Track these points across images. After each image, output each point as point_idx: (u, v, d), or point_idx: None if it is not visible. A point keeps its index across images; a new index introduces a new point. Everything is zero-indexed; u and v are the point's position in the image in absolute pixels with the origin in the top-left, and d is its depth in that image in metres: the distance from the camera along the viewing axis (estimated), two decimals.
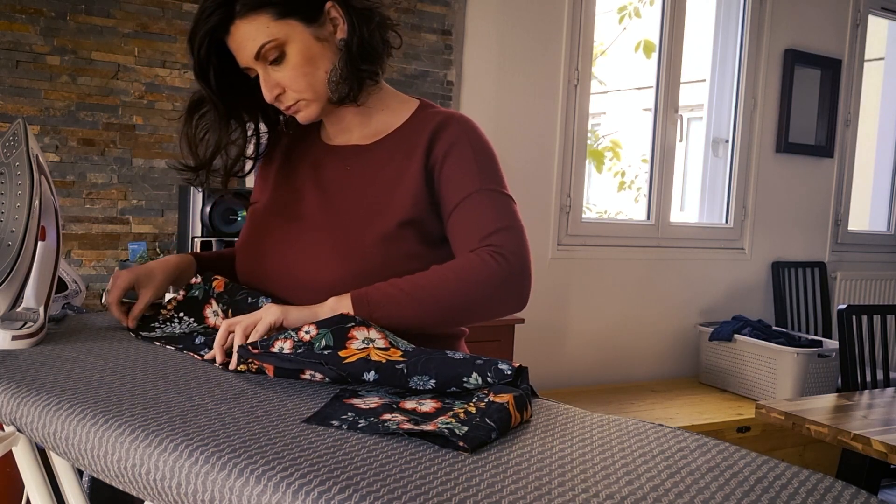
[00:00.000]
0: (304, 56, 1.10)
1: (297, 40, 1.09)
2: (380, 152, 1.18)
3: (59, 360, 0.98)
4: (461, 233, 1.11)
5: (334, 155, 1.22)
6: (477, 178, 1.12)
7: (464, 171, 1.13)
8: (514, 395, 0.83)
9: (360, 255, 1.10)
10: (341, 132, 1.23)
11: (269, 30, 1.07)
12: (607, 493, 0.62)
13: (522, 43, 3.15)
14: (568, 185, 3.30)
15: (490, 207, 1.11)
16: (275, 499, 0.61)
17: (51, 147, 2.39)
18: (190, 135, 1.19)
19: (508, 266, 1.06)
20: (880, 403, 2.08)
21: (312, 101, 1.14)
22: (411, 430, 0.74)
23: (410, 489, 0.61)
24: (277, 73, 1.11)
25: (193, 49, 1.11)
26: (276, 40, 1.08)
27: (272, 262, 1.17)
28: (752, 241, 3.84)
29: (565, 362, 3.37)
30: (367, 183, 1.16)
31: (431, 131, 1.15)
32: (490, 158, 1.15)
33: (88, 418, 0.77)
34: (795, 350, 3.13)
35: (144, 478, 0.70)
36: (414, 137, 1.16)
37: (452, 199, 1.12)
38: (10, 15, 2.31)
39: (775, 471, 0.67)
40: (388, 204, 1.13)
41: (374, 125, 1.21)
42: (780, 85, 3.83)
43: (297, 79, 1.11)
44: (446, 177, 1.13)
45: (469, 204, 1.11)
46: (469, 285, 1.05)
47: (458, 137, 1.14)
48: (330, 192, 1.18)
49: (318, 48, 1.11)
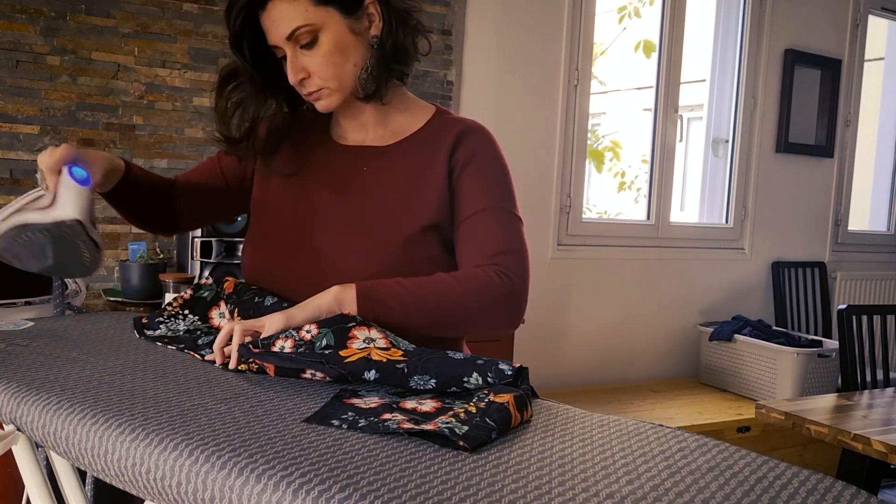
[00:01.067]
0: (337, 45, 1.10)
1: (332, 28, 1.09)
2: (398, 155, 1.18)
3: (59, 360, 0.98)
4: (469, 246, 1.13)
5: (349, 155, 1.21)
6: (492, 195, 1.14)
7: (481, 183, 1.15)
8: (515, 395, 0.83)
9: (385, 256, 1.10)
10: (356, 129, 1.22)
11: (307, 13, 1.07)
12: (607, 493, 0.62)
13: (522, 43, 3.15)
14: (568, 185, 3.30)
15: (501, 227, 1.13)
16: (275, 498, 0.61)
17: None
18: (222, 107, 1.18)
19: (511, 287, 1.09)
20: (880, 403, 2.08)
21: (335, 91, 1.13)
22: (411, 429, 0.74)
23: (411, 488, 0.61)
24: (306, 57, 1.10)
25: (230, 20, 1.11)
26: (311, 25, 1.08)
27: (291, 262, 1.16)
28: (752, 241, 3.84)
29: (565, 362, 3.37)
30: (388, 185, 1.16)
31: (454, 137, 1.16)
32: (506, 176, 1.18)
33: (88, 418, 0.77)
34: (795, 350, 3.13)
35: (144, 477, 0.70)
36: (435, 142, 1.17)
37: (465, 209, 1.14)
38: (10, 15, 2.31)
39: (775, 471, 0.67)
40: (412, 207, 1.13)
41: (391, 126, 1.21)
42: (780, 85, 3.83)
43: (326, 67, 1.11)
44: (463, 185, 1.14)
45: (481, 218, 1.13)
46: (472, 298, 1.07)
47: (480, 148, 1.16)
48: (347, 193, 1.17)
49: (351, 40, 1.11)
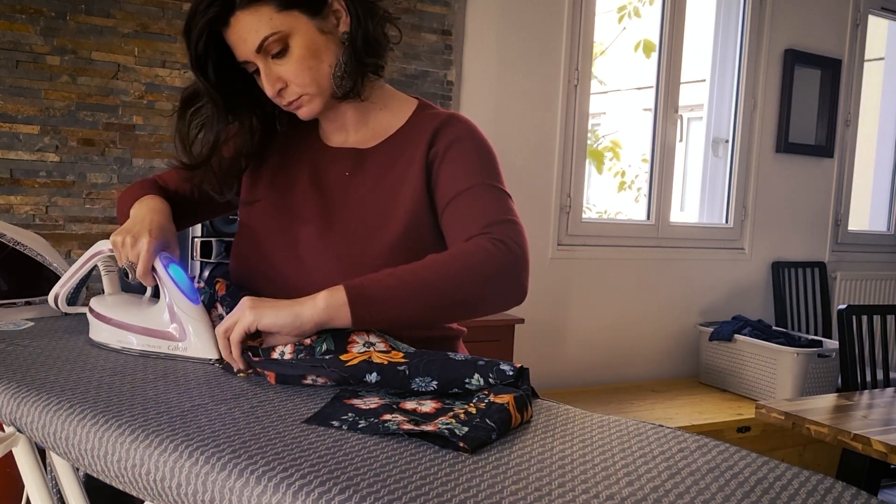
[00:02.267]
0: (309, 49, 1.07)
1: (301, 33, 1.06)
2: (380, 157, 1.16)
3: (59, 360, 0.98)
4: (459, 222, 1.08)
5: (333, 157, 1.19)
6: (479, 174, 1.10)
7: (465, 166, 1.11)
8: (515, 395, 0.83)
9: (368, 263, 1.08)
10: (337, 130, 1.20)
11: (273, 21, 1.04)
12: (608, 495, 0.61)
13: (522, 43, 3.15)
14: (568, 184, 3.30)
15: (490, 200, 1.08)
16: (275, 499, 0.61)
17: (51, 147, 2.39)
18: (183, 131, 1.14)
19: (509, 252, 1.02)
20: (880, 403, 2.08)
21: (316, 96, 1.11)
22: (411, 430, 0.74)
23: (411, 490, 0.61)
24: (280, 66, 1.07)
25: (190, 42, 1.06)
26: (279, 32, 1.04)
27: (274, 269, 1.15)
28: (752, 241, 3.84)
29: (565, 362, 3.37)
30: (369, 190, 1.14)
31: (432, 131, 1.13)
32: (491, 156, 1.14)
33: (88, 418, 0.77)
34: (795, 350, 3.13)
35: (144, 478, 0.70)
36: (414, 140, 1.15)
37: (450, 190, 1.10)
38: (10, 15, 2.31)
39: (775, 472, 0.67)
40: (391, 213, 1.11)
41: (373, 125, 1.19)
42: (780, 85, 3.83)
43: (301, 73, 1.07)
44: (445, 171, 1.11)
45: (469, 195, 1.08)
46: (470, 273, 1.00)
47: (460, 135, 1.13)
48: (331, 198, 1.16)
49: (322, 41, 1.08)
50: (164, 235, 1.08)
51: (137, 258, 1.05)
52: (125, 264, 1.06)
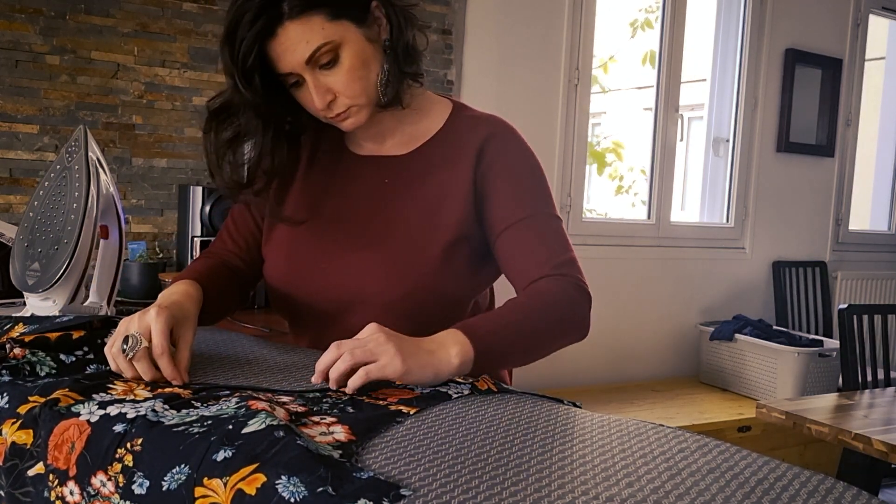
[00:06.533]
0: (360, 59, 1.03)
1: (351, 42, 1.02)
2: (419, 163, 1.14)
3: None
4: (522, 256, 1.09)
5: (367, 166, 1.16)
6: (535, 200, 1.12)
7: (519, 188, 1.12)
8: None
9: (415, 273, 1.07)
10: (373, 137, 1.17)
11: (325, 31, 1.00)
12: (607, 496, 0.61)
13: (522, 42, 3.15)
14: (568, 184, 3.30)
15: (552, 234, 1.11)
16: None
17: (50, 146, 2.39)
18: (218, 148, 1.08)
19: (587, 299, 1.09)
20: (881, 403, 2.08)
21: (364, 107, 1.07)
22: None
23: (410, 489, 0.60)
24: (328, 77, 1.03)
25: (236, 56, 0.99)
26: (331, 42, 1.00)
27: (317, 280, 1.11)
28: (753, 241, 3.83)
29: (565, 362, 3.37)
30: (410, 197, 1.12)
31: (479, 143, 1.12)
32: (541, 175, 1.15)
33: None
34: (796, 350, 3.13)
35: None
36: (456, 147, 1.13)
37: (507, 216, 1.09)
38: (10, 15, 2.31)
39: (776, 472, 0.67)
40: (437, 221, 1.10)
41: (408, 130, 1.16)
42: (781, 84, 3.82)
43: (352, 83, 1.04)
44: (500, 192, 1.10)
45: (528, 227, 1.09)
46: (562, 320, 1.06)
47: (507, 150, 1.13)
48: (370, 207, 1.13)
49: (370, 50, 1.05)
50: (179, 312, 0.94)
51: (148, 332, 0.87)
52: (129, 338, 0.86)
